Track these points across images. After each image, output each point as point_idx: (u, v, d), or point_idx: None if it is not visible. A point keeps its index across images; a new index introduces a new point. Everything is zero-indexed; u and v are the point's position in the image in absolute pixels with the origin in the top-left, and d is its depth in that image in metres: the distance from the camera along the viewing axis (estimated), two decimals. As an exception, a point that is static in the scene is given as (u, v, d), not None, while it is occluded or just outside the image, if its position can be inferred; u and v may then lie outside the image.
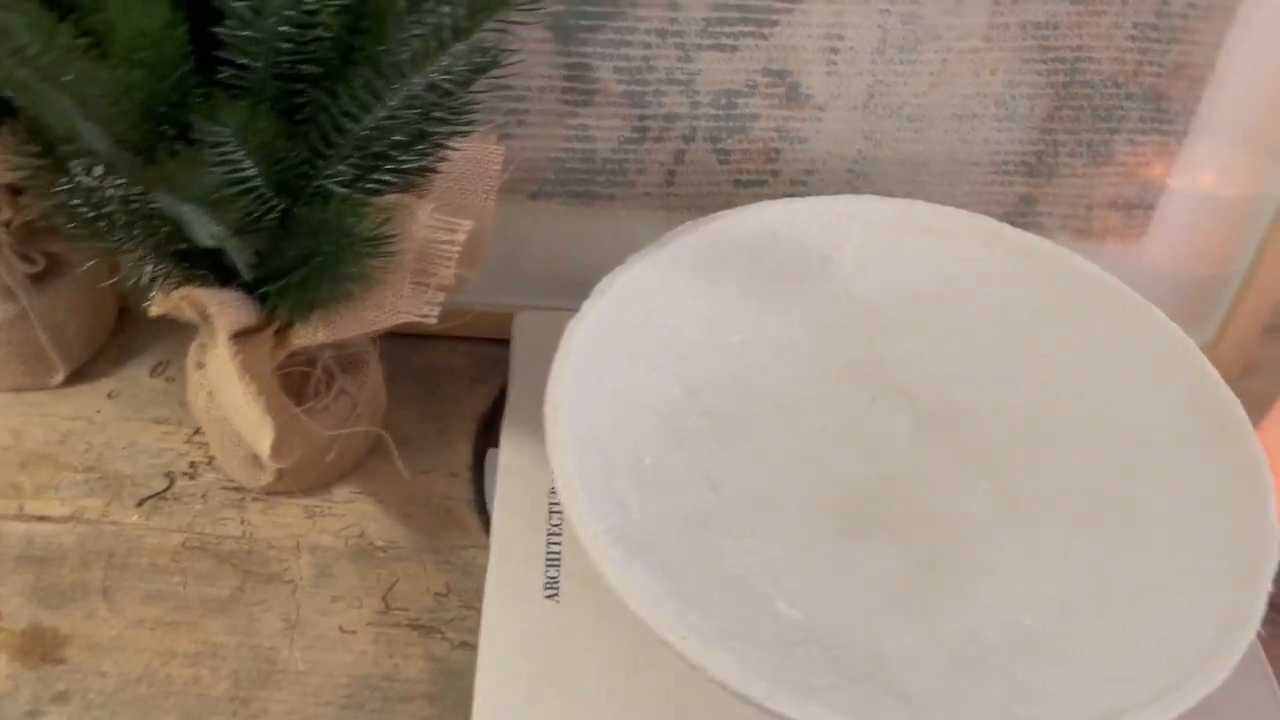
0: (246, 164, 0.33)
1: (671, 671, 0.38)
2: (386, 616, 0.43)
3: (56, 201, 0.36)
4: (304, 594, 0.43)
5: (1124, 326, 0.43)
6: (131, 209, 0.36)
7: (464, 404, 0.51)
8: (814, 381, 0.44)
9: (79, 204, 0.36)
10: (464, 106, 0.39)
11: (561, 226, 0.51)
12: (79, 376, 0.50)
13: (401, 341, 0.52)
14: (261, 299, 0.39)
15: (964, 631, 0.37)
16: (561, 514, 0.42)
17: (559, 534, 0.42)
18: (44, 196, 0.37)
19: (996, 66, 0.46)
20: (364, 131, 0.34)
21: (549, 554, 0.41)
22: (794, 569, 0.38)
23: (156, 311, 0.38)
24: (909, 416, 0.44)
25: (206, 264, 0.38)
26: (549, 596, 0.40)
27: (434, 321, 0.39)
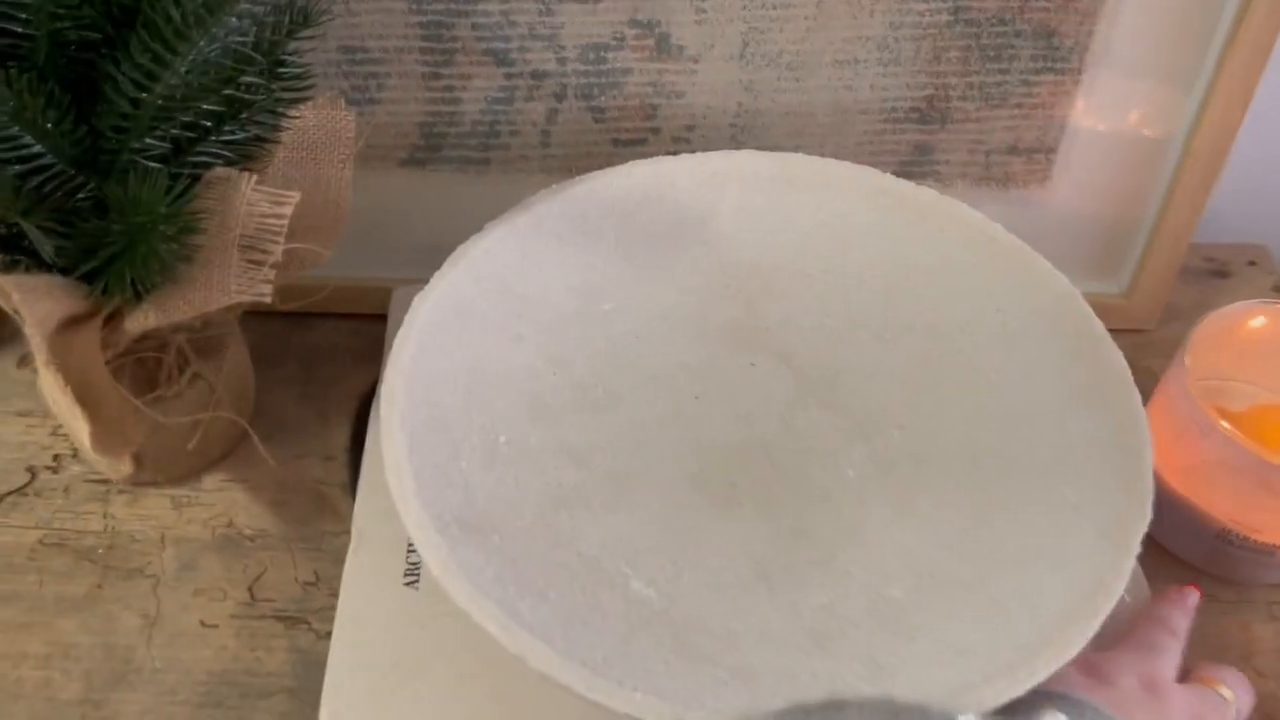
0: (27, 140, 0.31)
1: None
2: (251, 609, 0.41)
3: None
4: (165, 588, 0.42)
5: (1009, 276, 0.41)
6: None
7: (345, 384, 0.49)
8: (691, 347, 0.42)
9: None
10: (289, 72, 0.37)
11: (438, 194, 0.48)
12: (-58, 370, 0.48)
13: (282, 320, 0.50)
14: (90, 284, 0.37)
15: (827, 606, 0.35)
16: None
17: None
18: None
19: (875, 7, 0.43)
20: (159, 100, 0.32)
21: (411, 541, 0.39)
22: (654, 546, 0.37)
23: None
24: (788, 380, 0.42)
25: (19, 248, 0.36)
26: (409, 584, 0.39)
27: (269, 300, 0.37)
